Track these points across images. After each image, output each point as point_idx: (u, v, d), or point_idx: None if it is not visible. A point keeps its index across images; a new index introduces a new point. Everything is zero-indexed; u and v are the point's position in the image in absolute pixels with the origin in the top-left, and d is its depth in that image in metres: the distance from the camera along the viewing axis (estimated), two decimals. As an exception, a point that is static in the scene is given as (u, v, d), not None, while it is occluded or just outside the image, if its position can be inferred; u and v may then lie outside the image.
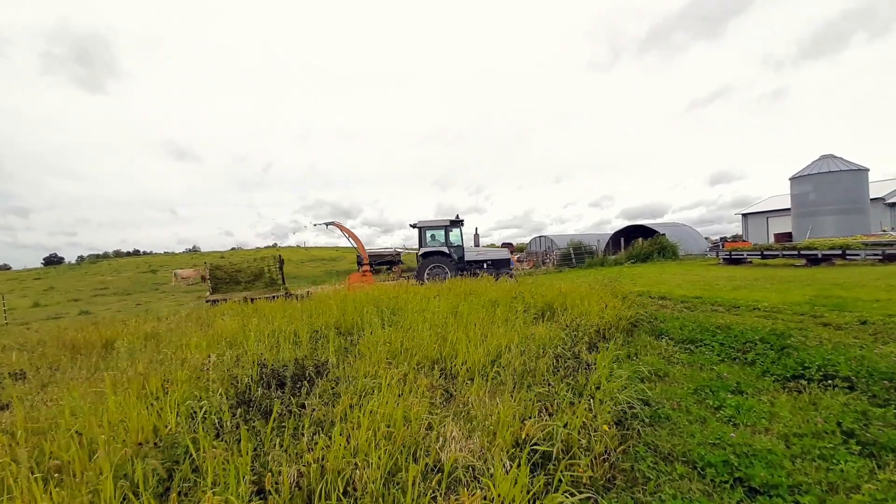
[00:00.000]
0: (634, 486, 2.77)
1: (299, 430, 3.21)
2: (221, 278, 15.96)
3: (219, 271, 16.18)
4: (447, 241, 18.08)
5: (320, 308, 8.18)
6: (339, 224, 18.59)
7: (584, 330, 6.22)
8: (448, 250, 17.72)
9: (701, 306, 9.56)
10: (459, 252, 18.17)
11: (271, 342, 5.75)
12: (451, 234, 18.15)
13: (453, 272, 16.82)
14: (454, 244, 18.20)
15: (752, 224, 52.93)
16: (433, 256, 17.66)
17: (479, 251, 18.98)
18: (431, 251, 17.82)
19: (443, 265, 17.34)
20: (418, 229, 18.53)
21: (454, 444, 2.70)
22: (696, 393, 4.27)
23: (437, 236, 18.36)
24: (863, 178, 33.09)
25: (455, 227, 18.32)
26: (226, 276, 16.18)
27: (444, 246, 17.94)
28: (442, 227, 18.31)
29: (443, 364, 4.76)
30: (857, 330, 6.55)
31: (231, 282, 16.02)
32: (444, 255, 17.60)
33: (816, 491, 2.54)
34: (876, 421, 3.32)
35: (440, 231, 18.35)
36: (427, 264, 17.52)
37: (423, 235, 18.45)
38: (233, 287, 15.73)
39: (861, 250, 18.12)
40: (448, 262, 17.37)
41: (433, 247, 18.04)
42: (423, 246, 18.29)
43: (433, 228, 18.50)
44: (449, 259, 17.48)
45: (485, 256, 18.62)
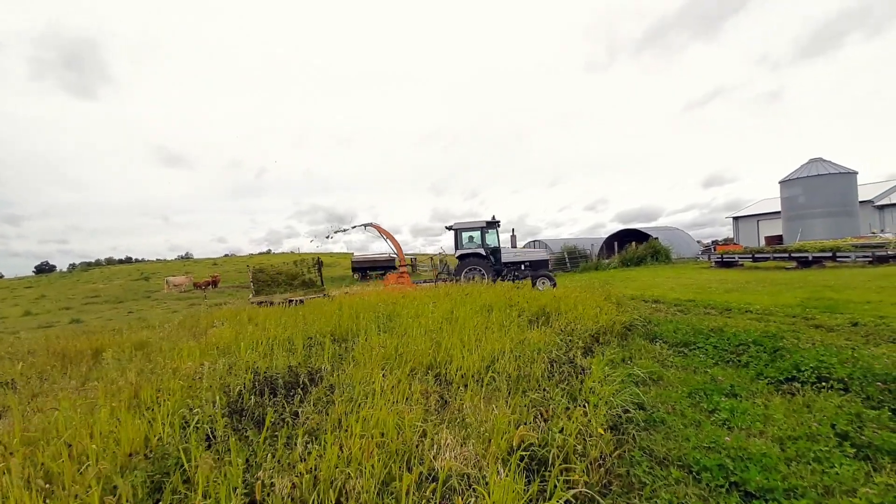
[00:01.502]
0: (630, 491, 2.76)
1: (292, 439, 3.17)
2: (264, 281, 16.67)
3: (261, 274, 16.95)
4: (483, 242, 17.73)
5: (316, 314, 8.13)
6: (376, 225, 18.34)
7: (578, 334, 6.22)
8: (485, 252, 17.42)
9: (694, 309, 9.61)
10: (496, 254, 17.82)
11: (265, 350, 5.70)
12: (487, 235, 17.82)
13: (490, 274, 16.55)
14: (491, 246, 17.85)
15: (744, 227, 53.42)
16: (470, 258, 17.42)
17: (517, 252, 18.42)
18: (468, 253, 17.57)
19: (480, 267, 17.03)
20: (454, 231, 18.23)
21: (448, 451, 2.68)
22: (690, 396, 4.27)
23: (474, 238, 18.00)
24: (852, 180, 33.54)
25: (491, 228, 17.98)
26: (268, 278, 16.85)
27: (480, 248, 17.61)
28: (478, 228, 17.95)
29: (437, 370, 4.73)
30: (849, 331, 6.60)
31: (272, 284, 16.65)
32: (480, 257, 17.32)
33: (812, 495, 2.53)
34: (870, 423, 3.33)
35: (476, 232, 17.98)
36: (464, 266, 17.27)
37: (460, 238, 18.12)
38: (274, 289, 16.33)
39: (851, 252, 18.33)
40: (485, 263, 17.07)
41: (470, 249, 17.74)
42: (459, 248, 18.01)
43: (469, 230, 18.16)
44: (486, 261, 17.19)
45: (523, 258, 18.14)
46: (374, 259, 36.94)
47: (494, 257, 17.57)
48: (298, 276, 17.37)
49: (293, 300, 13.09)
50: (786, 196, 35.43)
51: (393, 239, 18.06)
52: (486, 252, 17.32)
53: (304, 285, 16.94)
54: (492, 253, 17.58)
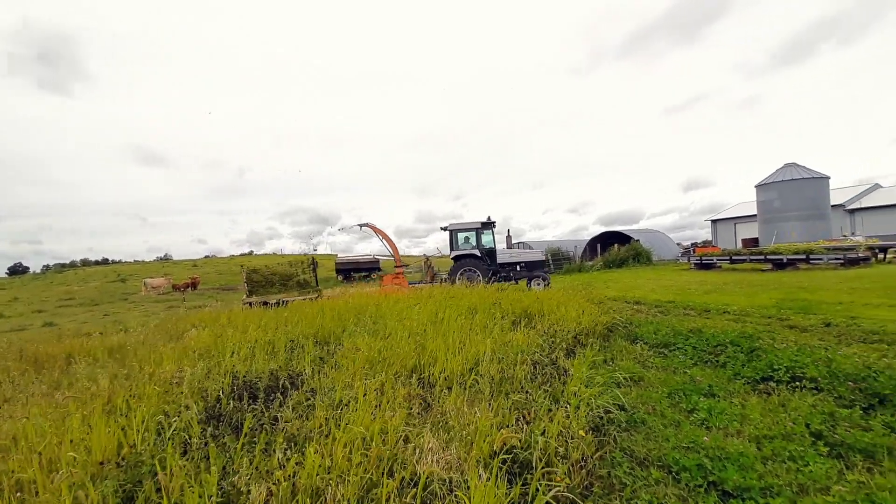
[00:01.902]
0: (611, 492, 2.77)
1: (271, 445, 3.10)
2: (258, 282, 16.61)
3: (255, 275, 16.87)
4: (479, 243, 17.65)
5: (298, 317, 8.02)
6: (372, 225, 18.10)
7: (561, 336, 6.25)
8: (480, 253, 17.34)
9: (674, 310, 9.77)
10: (492, 255, 17.73)
11: (246, 353, 5.59)
12: (482, 236, 17.75)
13: (485, 275, 16.42)
14: (486, 247, 17.75)
15: (721, 230, 54.69)
16: (465, 259, 17.33)
17: (513, 253, 18.37)
18: (463, 254, 17.47)
19: (474, 268, 16.93)
20: (449, 232, 18.10)
21: (431, 455, 2.65)
22: (670, 397, 4.33)
23: (469, 239, 17.94)
24: (824, 185, 34.61)
25: (486, 229, 17.89)
26: (262, 279, 16.81)
27: (475, 249, 17.54)
28: (473, 229, 17.86)
29: (421, 373, 4.70)
30: (822, 332, 6.79)
31: (266, 285, 16.64)
32: (475, 258, 17.25)
33: (787, 493, 2.58)
34: (843, 422, 3.42)
35: (471, 233, 17.91)
36: (459, 268, 17.14)
37: (455, 238, 18.03)
38: (268, 290, 16.33)
39: (824, 255, 18.89)
40: (480, 264, 16.98)
41: (464, 250, 17.65)
42: (455, 249, 17.92)
43: (464, 231, 18.09)
44: (481, 262, 17.11)
45: (518, 258, 18.06)
46: (357, 261, 36.71)
47: (490, 258, 17.52)
48: (293, 277, 17.28)
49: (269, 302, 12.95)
50: (761, 200, 36.40)
51: (389, 239, 17.89)
52: (481, 253, 17.27)
53: (298, 286, 16.87)
54: (487, 254, 17.52)
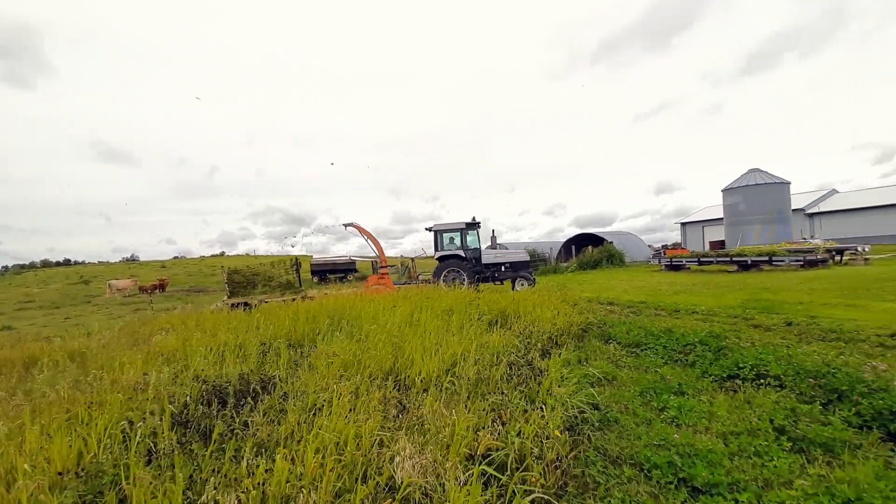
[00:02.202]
0: (585, 491, 2.80)
1: (241, 451, 3.01)
2: (239, 282, 16.41)
3: (237, 275, 16.69)
4: (463, 244, 17.55)
5: (270, 319, 7.84)
6: (357, 225, 17.75)
7: (537, 337, 6.31)
8: (464, 254, 17.23)
9: (646, 311, 10.01)
10: (476, 255, 17.59)
11: (215, 357, 5.42)
12: (467, 236, 17.65)
13: (470, 276, 16.37)
14: (471, 247, 17.64)
15: (690, 232, 56.49)
16: (449, 260, 17.20)
17: (497, 254, 18.21)
18: (447, 255, 17.36)
19: (459, 269, 16.80)
20: (434, 233, 17.96)
21: (407, 460, 2.62)
22: (642, 395, 4.41)
23: (454, 240, 17.81)
24: (785, 190, 36.16)
25: (471, 229, 17.79)
26: (244, 279, 16.60)
27: (459, 249, 17.42)
28: (458, 230, 17.75)
29: (397, 375, 4.66)
30: (784, 331, 7.07)
31: (248, 285, 16.42)
32: (460, 259, 17.13)
33: (753, 488, 2.66)
34: (804, 417, 3.56)
35: (456, 234, 17.79)
36: (443, 269, 17.00)
37: (440, 239, 17.89)
38: (250, 290, 16.09)
39: (785, 257, 19.72)
40: (464, 265, 16.87)
41: (449, 251, 17.52)
42: (439, 250, 17.79)
43: (449, 232, 17.94)
44: (465, 262, 17.00)
45: (503, 259, 17.85)
46: (333, 262, 36.21)
47: (475, 259, 17.46)
48: (276, 278, 17.10)
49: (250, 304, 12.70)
50: (727, 203, 37.77)
51: (374, 239, 17.64)
52: (465, 254, 17.22)
53: (281, 287, 16.67)
54: (472, 254, 17.47)
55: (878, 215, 44.59)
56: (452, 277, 16.67)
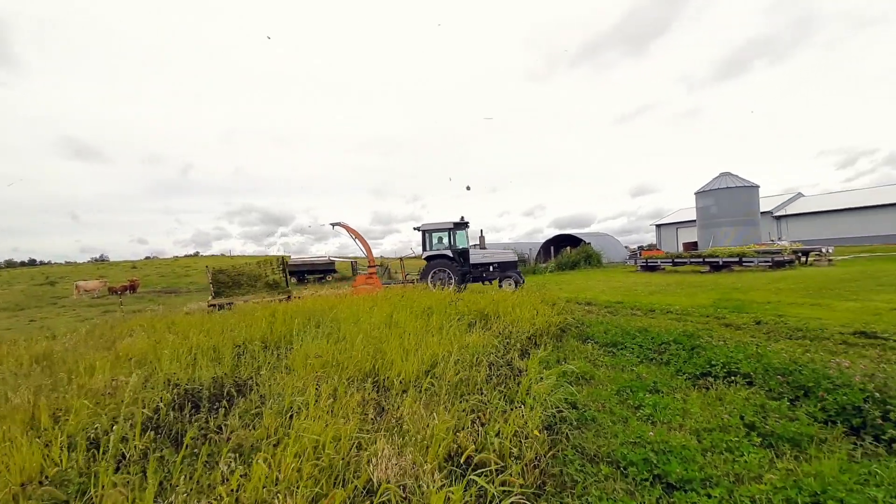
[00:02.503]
0: (563, 490, 2.82)
1: (214, 457, 2.93)
2: (224, 282, 16.02)
3: (222, 275, 16.28)
4: (451, 243, 17.30)
5: (246, 320, 7.66)
6: (345, 224, 17.32)
7: (516, 337, 6.34)
8: (452, 253, 16.98)
9: (622, 311, 10.20)
10: (465, 255, 17.39)
11: (188, 360, 5.26)
12: (455, 236, 17.40)
13: (457, 276, 16.16)
14: (459, 247, 17.41)
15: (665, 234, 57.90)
16: (437, 260, 16.95)
17: (486, 253, 17.96)
18: (435, 255, 17.10)
19: (446, 269, 16.52)
20: (422, 233, 17.71)
21: (385, 462, 2.59)
22: (618, 394, 4.48)
23: (442, 239, 17.57)
24: (754, 193, 37.38)
25: (459, 229, 17.57)
26: (228, 279, 16.23)
27: (447, 249, 17.17)
28: (446, 229, 17.49)
29: (376, 376, 4.61)
30: (754, 329, 7.29)
31: (233, 285, 16.05)
32: (448, 259, 16.86)
33: (725, 483, 2.73)
34: (773, 413, 3.67)
35: (444, 234, 17.53)
36: (430, 268, 16.74)
37: (429, 239, 17.65)
38: (235, 291, 15.72)
39: (755, 258, 20.38)
40: (452, 265, 16.60)
41: (437, 250, 17.26)
42: (427, 250, 17.54)
43: (437, 231, 17.69)
44: (453, 262, 16.74)
45: (491, 259, 17.65)
46: (312, 262, 35.71)
47: (463, 259, 17.28)
48: (262, 278, 16.81)
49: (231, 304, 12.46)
50: (700, 206, 38.85)
51: (362, 239, 17.34)
52: (453, 254, 17.02)
53: (267, 287, 16.40)
54: (460, 254, 17.29)
55: (841, 218, 46.56)
56: (440, 277, 16.52)
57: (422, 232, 17.83)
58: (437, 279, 16.51)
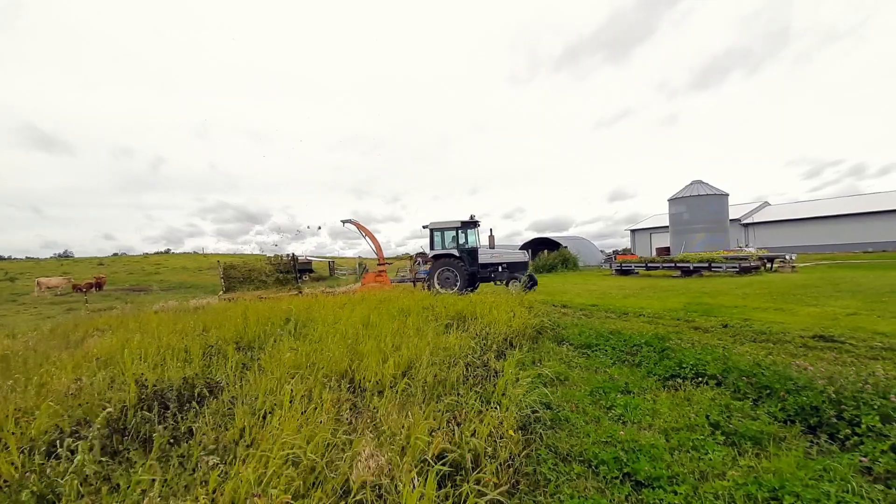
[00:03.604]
0: (536, 489, 2.87)
1: (186, 459, 2.87)
2: (235, 277, 16.49)
3: (233, 271, 16.78)
4: (458, 243, 16.89)
5: (218, 321, 7.50)
6: (356, 222, 16.88)
7: (493, 338, 6.40)
8: (458, 253, 16.51)
9: (597, 313, 10.39)
10: (474, 255, 16.90)
11: (156, 360, 5.13)
12: (462, 235, 16.98)
13: (463, 277, 15.75)
14: (466, 246, 16.99)
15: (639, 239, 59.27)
16: (443, 259, 16.52)
17: (494, 253, 17.24)
18: (441, 254, 16.66)
19: (452, 269, 16.06)
20: (430, 231, 17.28)
21: (361, 462, 2.59)
22: (591, 394, 4.58)
23: (452, 238, 17.10)
24: (724, 201, 38.64)
25: (467, 228, 17.12)
26: (239, 275, 16.73)
27: (453, 249, 16.73)
28: (453, 228, 17.07)
29: (352, 377, 4.59)
30: (721, 332, 7.54)
31: (245, 281, 16.51)
32: (454, 259, 16.40)
33: (690, 480, 2.83)
34: (736, 413, 3.82)
35: (451, 232, 17.08)
36: (437, 268, 16.30)
37: (442, 238, 17.16)
38: (246, 286, 16.13)
39: (723, 263, 21.08)
40: (458, 265, 16.12)
41: (444, 250, 16.83)
42: (434, 249, 17.10)
43: (444, 230, 17.23)
44: (459, 262, 16.25)
45: (499, 259, 17.00)
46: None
47: (472, 258, 16.85)
48: (272, 274, 17.24)
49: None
50: (673, 212, 39.94)
51: (372, 236, 16.96)
52: (459, 253, 16.58)
53: (277, 283, 16.81)
54: (468, 254, 16.87)
55: (804, 227, 48.60)
56: (446, 277, 16.19)
57: (430, 230, 17.45)
58: (443, 279, 16.21)
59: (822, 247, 45.66)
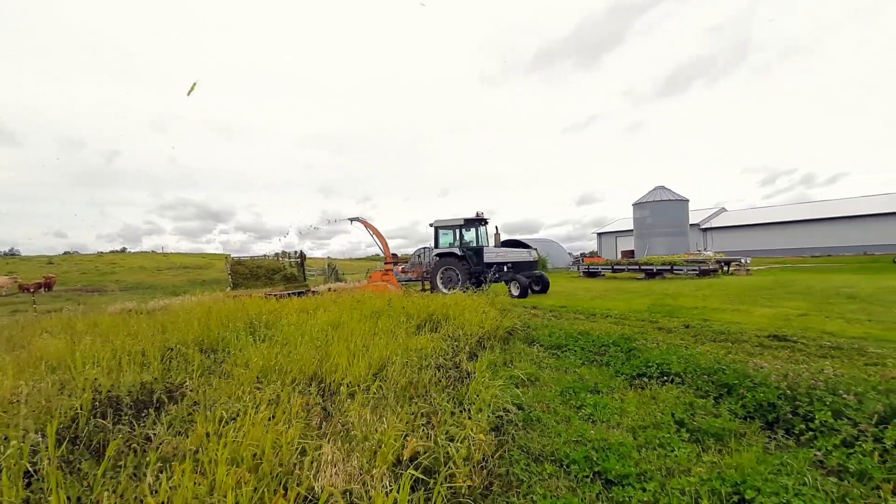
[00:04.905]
0: (510, 489, 2.87)
1: (141, 468, 2.71)
2: (242, 274, 16.31)
3: (240, 267, 16.68)
4: (461, 241, 16.45)
5: (178, 322, 7.18)
6: (364, 220, 16.27)
7: (464, 340, 6.40)
8: (461, 252, 16.00)
9: (566, 314, 10.59)
10: (479, 254, 16.33)
11: (111, 364, 4.85)
12: (466, 233, 16.55)
13: (465, 276, 15.27)
14: (471, 245, 16.50)
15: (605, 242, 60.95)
16: (445, 258, 16.12)
17: (499, 252, 16.56)
18: (444, 253, 16.28)
19: (454, 268, 15.57)
20: (434, 229, 16.88)
21: (331, 468, 2.51)
22: (562, 395, 4.64)
23: (453, 236, 16.69)
24: (685, 207, 40.23)
25: (472, 226, 16.70)
26: (247, 272, 16.53)
27: (455, 247, 16.28)
28: (457, 226, 16.62)
29: (321, 380, 4.48)
30: (683, 333, 7.81)
31: (251, 277, 16.29)
32: (455, 258, 15.93)
33: (658, 477, 2.90)
34: (700, 410, 3.95)
35: (455, 230, 16.66)
36: (439, 267, 15.90)
37: (456, 235, 16.67)
38: (253, 283, 15.95)
39: (684, 266, 21.92)
40: (459, 264, 15.60)
41: (445, 248, 16.44)
42: (438, 247, 16.78)
43: (448, 228, 16.79)
44: (461, 261, 15.73)
45: (504, 258, 16.21)
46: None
47: (477, 257, 16.36)
48: (279, 271, 17.04)
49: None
50: (637, 216, 41.28)
51: (379, 235, 16.45)
52: (462, 252, 16.14)
53: (285, 280, 16.60)
54: (475, 253, 16.41)
55: (758, 232, 51.24)
56: (448, 277, 15.85)
57: (434, 228, 17.12)
58: (446, 279, 15.90)
59: (774, 251, 48.25)
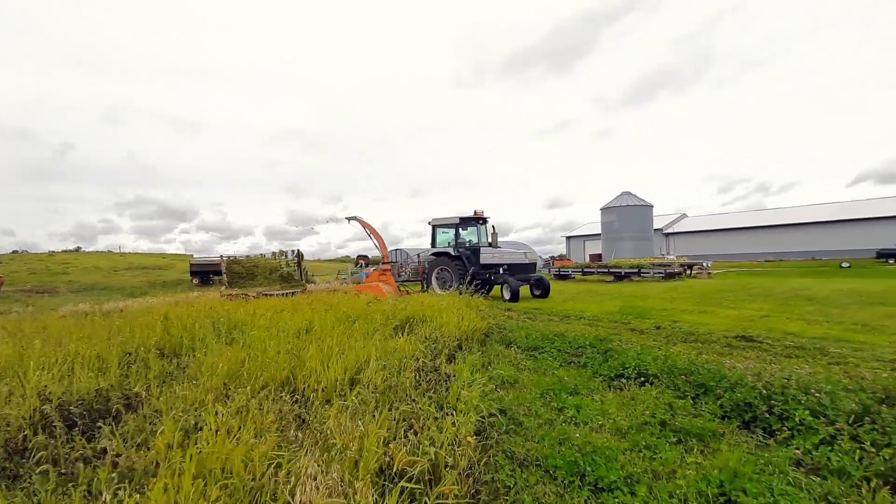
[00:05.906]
0: (497, 497, 2.77)
1: (95, 484, 2.46)
2: (238, 273, 15.99)
3: (236, 265, 16.41)
4: (456, 241, 15.87)
5: (137, 324, 6.74)
6: (360, 219, 15.59)
7: (443, 342, 6.27)
8: (455, 252, 15.43)
9: (540, 316, 10.63)
10: (476, 254, 15.67)
11: (63, 370, 4.46)
12: (463, 233, 15.98)
13: (458, 277, 14.62)
14: (467, 245, 15.93)
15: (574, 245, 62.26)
16: (440, 258, 15.60)
17: (496, 253, 15.70)
18: (439, 252, 15.74)
19: (448, 268, 14.99)
20: (432, 228, 16.32)
21: (309, 481, 2.33)
22: (542, 397, 4.58)
23: (449, 235, 16.14)
24: (649, 212, 41.59)
25: (469, 225, 16.10)
26: (243, 270, 16.19)
27: (450, 247, 15.70)
28: (453, 224, 16.01)
29: (294, 386, 4.26)
30: (655, 334, 7.96)
31: (248, 277, 15.90)
32: (450, 258, 15.38)
33: (646, 480, 2.86)
34: (680, 411, 3.97)
35: (451, 230, 16.09)
36: (433, 267, 15.38)
37: (456, 234, 16.06)
38: (249, 282, 15.56)
39: (651, 269, 22.60)
40: (453, 265, 14.99)
41: (440, 248, 15.89)
42: (435, 247, 16.26)
43: (445, 227, 16.21)
44: (456, 262, 15.15)
45: (501, 260, 15.40)
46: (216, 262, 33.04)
47: (474, 257, 15.76)
48: (276, 270, 16.67)
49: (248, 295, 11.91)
50: (604, 221, 42.40)
51: (377, 234, 15.86)
52: (456, 252, 15.65)
53: (282, 279, 16.19)
54: (472, 253, 15.85)
55: (716, 237, 53.50)
56: (443, 278, 15.41)
57: (432, 227, 16.66)
58: (440, 279, 15.52)
59: (731, 255, 50.50)
